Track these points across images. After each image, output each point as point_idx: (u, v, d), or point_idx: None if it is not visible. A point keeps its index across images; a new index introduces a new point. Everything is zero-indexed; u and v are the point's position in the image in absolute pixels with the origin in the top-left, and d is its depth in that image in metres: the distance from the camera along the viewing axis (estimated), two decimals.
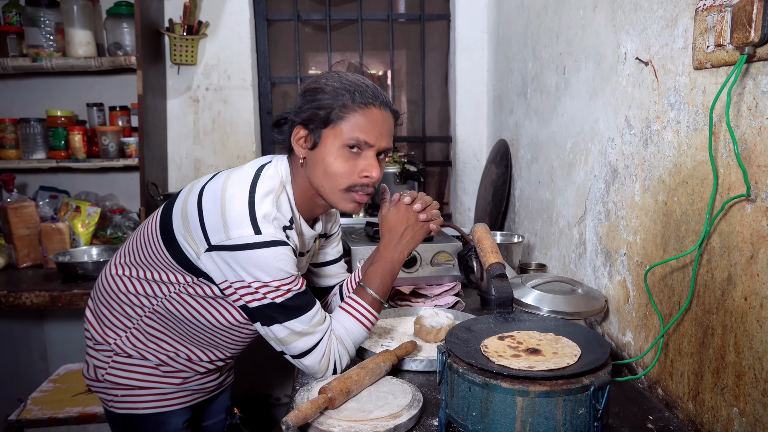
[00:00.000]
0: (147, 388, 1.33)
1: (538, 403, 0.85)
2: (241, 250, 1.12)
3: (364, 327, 1.25)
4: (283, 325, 1.16)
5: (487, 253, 1.28)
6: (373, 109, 1.18)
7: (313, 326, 1.18)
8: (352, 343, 1.24)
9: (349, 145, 1.17)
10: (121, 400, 1.33)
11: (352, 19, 2.95)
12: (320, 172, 1.20)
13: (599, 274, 1.46)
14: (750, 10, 0.82)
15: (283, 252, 1.14)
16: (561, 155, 1.74)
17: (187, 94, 2.79)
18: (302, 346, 1.18)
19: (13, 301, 2.03)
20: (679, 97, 1.08)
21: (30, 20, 2.44)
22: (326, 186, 1.21)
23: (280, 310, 1.16)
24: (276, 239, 1.13)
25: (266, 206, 1.15)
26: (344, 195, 1.21)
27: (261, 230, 1.12)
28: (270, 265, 1.13)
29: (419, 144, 3.09)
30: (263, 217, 1.13)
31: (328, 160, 1.18)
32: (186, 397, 1.38)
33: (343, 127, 1.17)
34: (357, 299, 1.27)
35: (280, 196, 1.21)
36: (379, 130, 1.19)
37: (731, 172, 0.94)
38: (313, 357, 1.18)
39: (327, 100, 1.17)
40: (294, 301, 1.16)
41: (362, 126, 1.17)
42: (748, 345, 0.91)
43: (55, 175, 2.82)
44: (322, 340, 1.19)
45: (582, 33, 1.57)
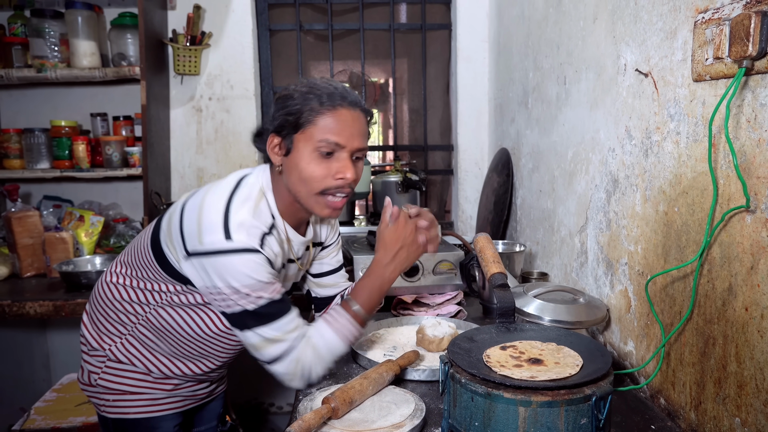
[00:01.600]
0: (138, 393, 1.34)
1: (541, 414, 0.86)
2: (213, 255, 1.13)
3: (343, 339, 1.23)
4: (254, 331, 1.17)
5: (489, 262, 1.28)
6: (342, 110, 1.18)
7: (285, 333, 1.18)
8: (329, 354, 1.22)
9: (321, 148, 1.17)
10: (113, 405, 1.35)
11: (354, 29, 2.97)
12: (295, 178, 1.20)
13: (601, 284, 1.47)
14: (748, 24, 0.83)
15: (253, 260, 1.13)
16: (562, 165, 1.75)
17: (190, 104, 2.80)
18: (273, 352, 1.18)
19: (17, 311, 2.04)
20: (679, 108, 1.09)
21: (35, 31, 2.47)
22: (302, 191, 1.20)
23: (252, 316, 1.16)
24: (247, 247, 1.13)
25: (242, 214, 1.16)
26: (319, 199, 1.21)
27: (232, 237, 1.12)
28: (239, 271, 1.13)
29: (421, 153, 3.10)
30: (237, 225, 1.14)
31: (301, 165, 1.18)
32: (176, 402, 1.40)
33: (313, 131, 1.17)
34: (340, 311, 1.25)
35: (259, 204, 1.21)
36: (350, 131, 1.18)
37: (731, 183, 0.94)
38: (283, 364, 1.18)
39: (296, 106, 1.18)
40: (266, 308, 1.16)
41: (332, 128, 1.17)
42: (749, 355, 0.91)
43: (58, 185, 2.84)
44: (294, 349, 1.18)
45: (582, 44, 1.59)
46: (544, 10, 1.93)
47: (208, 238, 1.13)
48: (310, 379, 1.22)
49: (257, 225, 1.17)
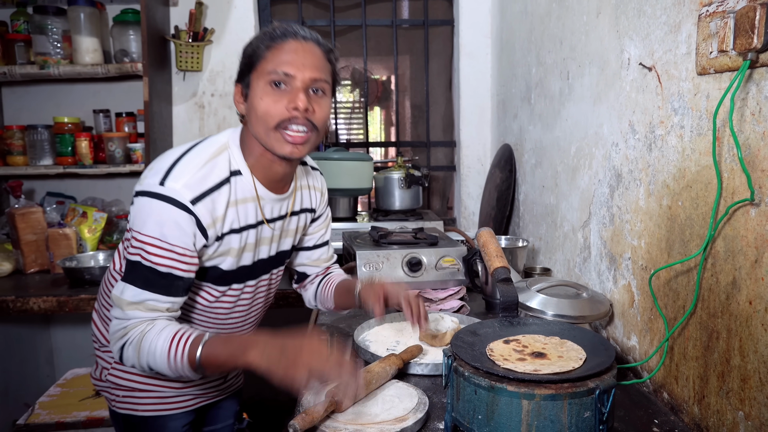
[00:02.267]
0: (146, 390, 1.33)
1: (544, 407, 0.86)
2: (141, 196, 1.11)
3: (168, 368, 1.10)
4: (125, 283, 1.12)
5: (492, 257, 1.28)
6: (291, 42, 1.16)
7: (133, 305, 1.10)
8: (146, 364, 1.11)
9: (273, 81, 1.14)
10: (123, 401, 1.34)
11: (357, 25, 2.97)
12: (254, 118, 1.17)
13: (604, 278, 1.47)
14: (753, 16, 0.83)
15: (173, 215, 1.09)
16: (565, 160, 1.75)
17: (192, 100, 2.81)
18: (118, 315, 1.13)
19: (20, 307, 2.05)
20: (683, 102, 1.09)
21: (37, 28, 2.47)
22: (260, 130, 1.17)
23: (136, 270, 1.11)
24: (173, 197, 1.09)
25: (188, 167, 1.13)
26: (276, 135, 1.16)
27: (165, 184, 1.09)
28: (154, 219, 1.09)
29: (423, 149, 3.10)
30: (177, 175, 1.11)
31: (255, 102, 1.16)
32: (187, 401, 1.38)
33: (264, 65, 1.15)
34: (188, 345, 1.09)
35: (216, 158, 1.18)
36: (301, 61, 1.15)
37: (735, 177, 0.94)
38: (117, 331, 1.12)
39: (251, 48, 1.18)
40: (154, 275, 1.10)
41: (282, 59, 1.14)
42: (753, 349, 0.91)
43: (61, 181, 2.84)
44: (132, 328, 1.11)
45: (586, 39, 1.58)
46: (546, 5, 1.92)
47: (147, 180, 1.11)
48: (122, 359, 1.14)
49: (200, 180, 1.13)
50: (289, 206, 1.35)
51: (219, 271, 1.24)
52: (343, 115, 4.36)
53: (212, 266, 1.23)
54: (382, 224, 2.31)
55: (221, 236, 1.19)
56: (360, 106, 3.11)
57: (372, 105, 3.95)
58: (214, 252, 1.21)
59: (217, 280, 1.26)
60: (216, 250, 1.20)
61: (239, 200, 1.21)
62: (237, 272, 1.27)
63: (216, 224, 1.16)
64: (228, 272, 1.25)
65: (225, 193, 1.17)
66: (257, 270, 1.33)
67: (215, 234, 1.17)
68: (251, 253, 1.28)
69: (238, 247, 1.23)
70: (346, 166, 2.38)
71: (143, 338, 1.10)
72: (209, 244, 1.18)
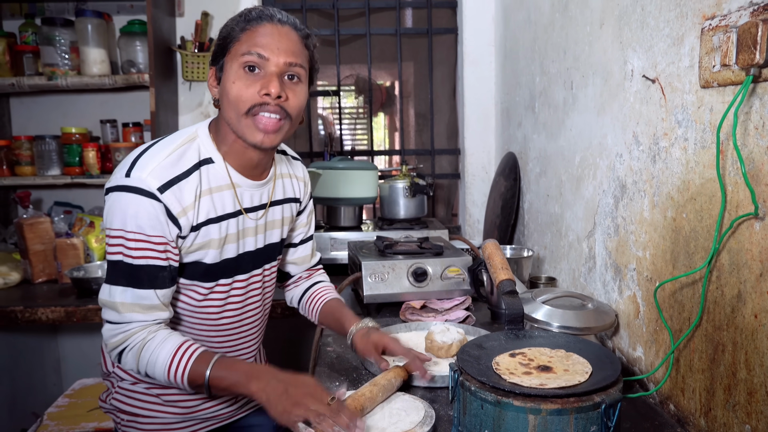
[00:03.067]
0: (148, 416, 1.30)
1: (550, 421, 0.86)
2: (111, 192, 1.11)
3: (167, 377, 1.11)
4: (105, 284, 1.12)
5: (497, 269, 1.29)
6: (267, 25, 1.13)
7: (128, 306, 1.10)
8: (144, 368, 1.13)
9: (247, 64, 1.12)
10: (127, 425, 1.32)
11: (361, 34, 2.98)
12: (225, 102, 1.14)
13: (609, 289, 1.47)
14: (755, 32, 0.83)
15: (142, 203, 1.08)
16: (569, 169, 1.75)
17: (198, 110, 2.82)
18: (111, 318, 1.12)
19: (29, 317, 2.07)
20: (687, 114, 1.09)
21: (46, 39, 2.49)
22: (232, 116, 1.14)
23: (117, 269, 1.11)
24: (140, 186, 1.08)
25: (154, 157, 1.12)
26: (247, 121, 1.13)
27: (131, 174, 1.09)
28: (125, 212, 1.08)
29: (428, 157, 3.11)
30: (143, 165, 1.10)
31: (228, 85, 1.13)
32: (191, 426, 1.34)
33: (238, 48, 1.13)
34: (192, 357, 1.10)
35: (184, 146, 1.16)
36: (276, 45, 1.12)
37: (739, 190, 0.94)
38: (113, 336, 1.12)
39: (225, 31, 1.16)
40: (136, 269, 1.09)
41: (256, 41, 1.12)
42: (759, 362, 0.91)
43: (69, 191, 2.87)
44: (131, 336, 1.12)
45: (589, 49, 1.59)
46: (550, 15, 1.93)
47: (114, 176, 1.11)
48: (122, 363, 1.15)
49: (166, 168, 1.11)
50: (269, 194, 1.32)
51: (203, 265, 1.22)
52: (348, 122, 4.38)
53: (195, 261, 1.21)
54: (387, 233, 2.31)
55: (197, 227, 1.17)
56: (364, 113, 3.12)
57: (376, 111, 3.97)
58: (192, 244, 1.18)
59: (203, 276, 1.23)
60: (194, 241, 1.18)
61: (213, 188, 1.19)
62: (222, 266, 1.24)
63: (187, 213, 1.14)
64: (212, 266, 1.23)
65: (194, 181, 1.15)
66: (244, 263, 1.30)
67: (189, 223, 1.15)
68: (234, 245, 1.25)
69: (218, 237, 1.21)
70: (350, 175, 2.39)
71: (144, 347, 1.11)
72: (184, 235, 1.16)
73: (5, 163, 2.58)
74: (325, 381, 1.31)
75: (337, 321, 1.39)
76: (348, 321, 1.35)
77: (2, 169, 2.57)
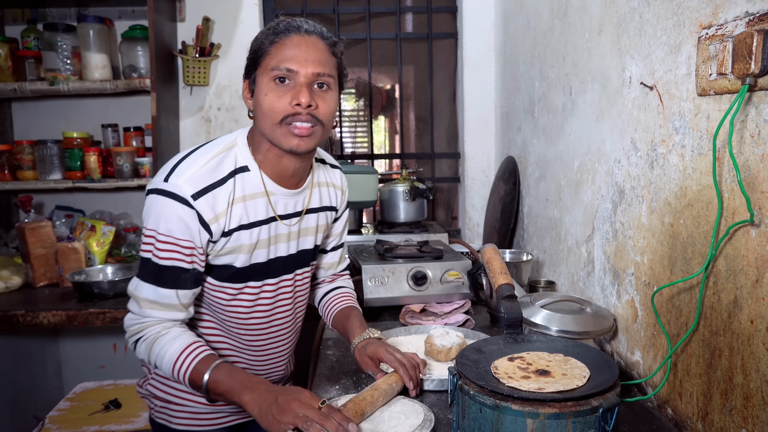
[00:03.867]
0: (179, 404, 1.34)
1: (548, 425, 0.87)
2: (150, 194, 1.17)
3: (171, 372, 1.16)
4: (139, 279, 1.19)
5: (496, 274, 1.30)
6: (295, 37, 1.17)
7: (149, 303, 1.17)
8: (154, 360, 1.18)
9: (277, 77, 1.16)
10: (160, 410, 1.37)
11: (362, 39, 3.00)
12: (260, 114, 1.19)
13: (607, 293, 1.48)
14: (750, 42, 0.84)
15: (176, 209, 1.14)
16: (568, 174, 1.77)
17: (199, 114, 2.84)
18: (134, 308, 1.20)
19: (30, 321, 2.08)
20: (684, 122, 1.11)
21: (47, 45, 2.51)
22: (266, 126, 1.19)
23: (148, 267, 1.17)
24: (175, 192, 1.14)
25: (193, 164, 1.17)
26: (282, 129, 1.18)
27: (169, 180, 1.14)
28: (159, 214, 1.14)
29: (428, 160, 3.12)
30: (181, 172, 1.15)
31: (260, 98, 1.18)
32: (220, 418, 1.38)
33: (268, 62, 1.17)
34: (197, 358, 1.15)
35: (222, 155, 1.21)
36: (304, 56, 1.16)
37: (735, 197, 0.96)
38: (133, 325, 1.20)
39: (256, 44, 1.20)
40: (161, 270, 1.16)
41: (284, 55, 1.16)
42: (755, 367, 0.92)
43: (70, 195, 2.88)
44: (147, 327, 1.19)
45: (588, 55, 1.60)
46: (549, 21, 1.95)
47: (155, 179, 1.18)
48: (137, 351, 1.22)
49: (202, 176, 1.16)
50: (305, 202, 1.35)
51: (233, 269, 1.26)
52: (348, 125, 4.39)
53: (226, 264, 1.25)
54: (387, 237, 2.32)
55: (228, 232, 1.21)
56: (365, 116, 3.14)
57: (376, 114, 3.99)
58: (223, 248, 1.22)
59: (232, 278, 1.27)
60: (224, 246, 1.22)
61: (247, 196, 1.23)
62: (251, 269, 1.28)
63: (219, 219, 1.18)
64: (242, 269, 1.27)
65: (228, 189, 1.19)
66: (275, 268, 1.33)
67: (220, 229, 1.19)
68: (265, 250, 1.29)
69: (249, 243, 1.25)
70: (351, 179, 2.38)
71: (157, 340, 1.17)
72: (215, 240, 1.20)
73: (7, 168, 2.59)
74: (325, 384, 1.32)
75: (344, 330, 1.42)
76: (352, 333, 1.37)
77: (4, 173, 2.59)
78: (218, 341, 1.35)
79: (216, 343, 1.35)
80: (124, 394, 2.25)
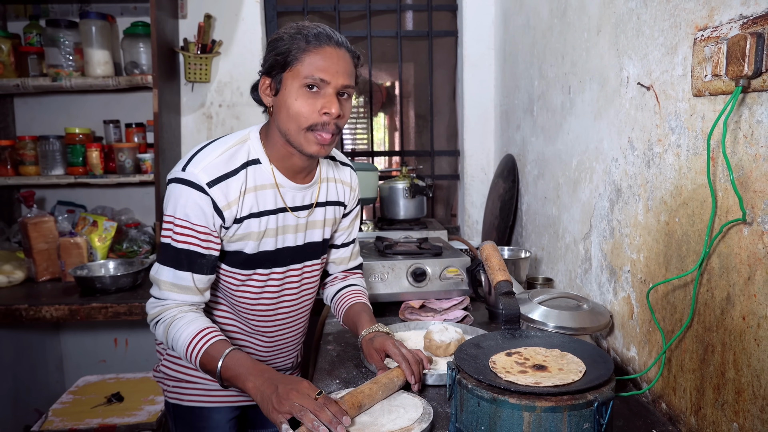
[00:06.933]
0: (192, 382, 1.41)
1: (545, 418, 0.89)
2: (170, 183, 1.25)
3: (185, 354, 1.22)
4: (159, 265, 1.26)
5: (494, 270, 1.32)
6: (328, 48, 1.22)
7: (168, 285, 1.24)
8: (170, 342, 1.24)
9: (308, 84, 1.21)
10: (172, 390, 1.43)
11: (362, 36, 3.01)
12: (284, 115, 1.24)
13: (604, 290, 1.50)
14: (744, 45, 0.86)
15: (192, 196, 1.21)
16: (567, 172, 1.79)
17: (200, 111, 2.85)
18: (155, 293, 1.27)
19: (33, 315, 2.10)
20: (680, 122, 1.13)
21: (50, 41, 2.53)
22: (291, 128, 1.24)
23: (167, 251, 1.24)
24: (191, 180, 1.21)
25: (208, 155, 1.24)
26: (307, 135, 1.24)
27: (186, 169, 1.22)
28: (178, 201, 1.22)
29: (427, 158, 3.14)
30: (197, 161, 1.22)
31: (289, 102, 1.22)
32: (231, 396, 1.44)
33: (300, 68, 1.21)
34: (208, 343, 1.21)
35: (236, 147, 1.28)
36: (335, 68, 1.22)
37: (729, 196, 0.98)
38: (153, 308, 1.27)
39: (284, 46, 1.23)
40: (180, 254, 1.23)
41: (318, 65, 1.21)
42: (746, 363, 0.94)
43: (72, 190, 2.90)
44: (167, 309, 1.25)
45: (586, 55, 1.62)
46: (549, 21, 1.96)
47: (174, 168, 1.25)
48: (155, 332, 1.29)
49: (217, 166, 1.23)
50: (314, 196, 1.41)
51: (243, 255, 1.32)
52: (348, 121, 4.41)
53: (237, 251, 1.31)
54: (387, 233, 2.34)
55: (240, 219, 1.27)
56: (364, 112, 3.16)
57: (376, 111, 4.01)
58: (234, 235, 1.29)
59: (242, 264, 1.33)
60: (236, 232, 1.28)
61: (258, 186, 1.29)
62: (260, 256, 1.34)
63: (231, 207, 1.25)
64: (251, 256, 1.33)
65: (240, 179, 1.26)
66: (282, 257, 1.38)
67: (232, 216, 1.26)
68: (273, 239, 1.34)
69: (258, 231, 1.31)
70: None
71: (173, 323, 1.24)
72: (227, 226, 1.27)
73: (9, 163, 2.61)
74: (325, 379, 1.34)
75: (354, 324, 1.45)
76: (361, 325, 1.42)
77: (6, 168, 2.60)
78: (230, 326, 1.41)
79: (228, 326, 1.41)
80: (126, 388, 2.27)
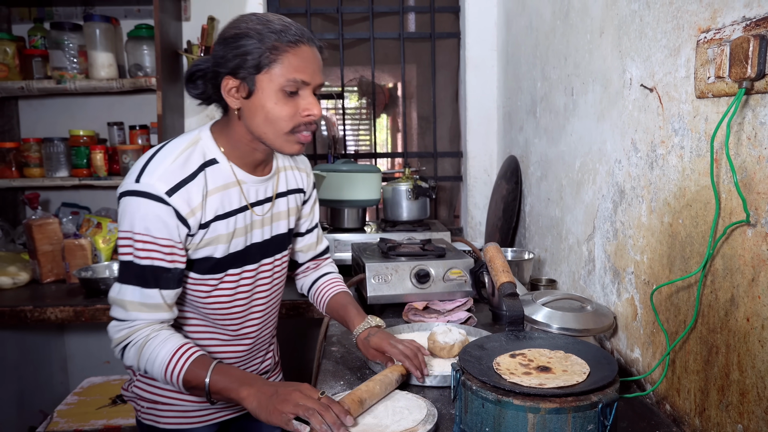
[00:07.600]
0: (168, 404, 1.35)
1: (549, 420, 0.89)
2: (122, 197, 1.16)
3: (164, 375, 1.16)
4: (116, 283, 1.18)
5: (498, 272, 1.32)
6: (303, 47, 1.17)
7: (135, 305, 1.15)
8: (144, 365, 1.17)
9: (287, 88, 1.15)
10: (146, 412, 1.37)
11: (365, 38, 3.02)
12: (261, 120, 1.17)
13: (608, 291, 1.50)
14: (747, 47, 0.86)
15: (152, 208, 1.13)
16: (570, 174, 1.79)
17: (204, 113, 2.86)
18: (118, 315, 1.18)
19: (38, 316, 2.10)
20: (683, 123, 1.13)
21: (54, 43, 2.53)
22: (269, 132, 1.18)
23: (129, 269, 1.16)
24: (150, 192, 1.13)
25: (162, 162, 1.16)
26: (289, 137, 1.20)
27: (141, 180, 1.14)
28: (135, 215, 1.13)
29: (430, 159, 3.14)
30: (151, 171, 1.14)
31: (268, 106, 1.16)
32: (209, 414, 1.39)
33: (277, 70, 1.14)
34: (190, 359, 1.15)
35: (188, 150, 1.20)
36: (313, 68, 1.18)
37: (733, 198, 0.98)
38: (119, 331, 1.18)
39: (254, 45, 1.13)
40: (144, 270, 1.14)
41: (296, 66, 1.15)
42: (750, 364, 0.94)
43: (76, 192, 2.91)
44: (136, 331, 1.17)
45: (589, 57, 1.62)
46: (551, 22, 1.97)
47: (125, 181, 1.16)
48: (125, 358, 1.20)
49: (174, 171, 1.16)
50: (273, 187, 1.37)
51: (213, 260, 1.26)
52: (351, 123, 4.41)
53: (206, 257, 1.24)
54: (390, 235, 2.35)
55: (206, 224, 1.21)
56: (367, 114, 3.17)
57: (379, 112, 4.02)
58: (202, 240, 1.22)
59: (212, 269, 1.27)
60: (203, 238, 1.22)
61: (219, 187, 1.23)
62: (230, 258, 1.28)
63: (195, 213, 1.18)
64: (221, 259, 1.27)
65: (199, 182, 1.19)
66: (252, 254, 1.33)
67: (197, 222, 1.19)
68: (242, 238, 1.29)
69: (227, 233, 1.25)
70: (354, 177, 2.43)
71: (146, 344, 1.16)
72: (193, 233, 1.20)
73: (14, 165, 2.62)
74: (330, 380, 1.34)
75: (342, 319, 1.44)
76: (351, 321, 1.40)
77: (11, 170, 2.62)
78: (206, 338, 1.35)
79: (203, 339, 1.35)
80: None
